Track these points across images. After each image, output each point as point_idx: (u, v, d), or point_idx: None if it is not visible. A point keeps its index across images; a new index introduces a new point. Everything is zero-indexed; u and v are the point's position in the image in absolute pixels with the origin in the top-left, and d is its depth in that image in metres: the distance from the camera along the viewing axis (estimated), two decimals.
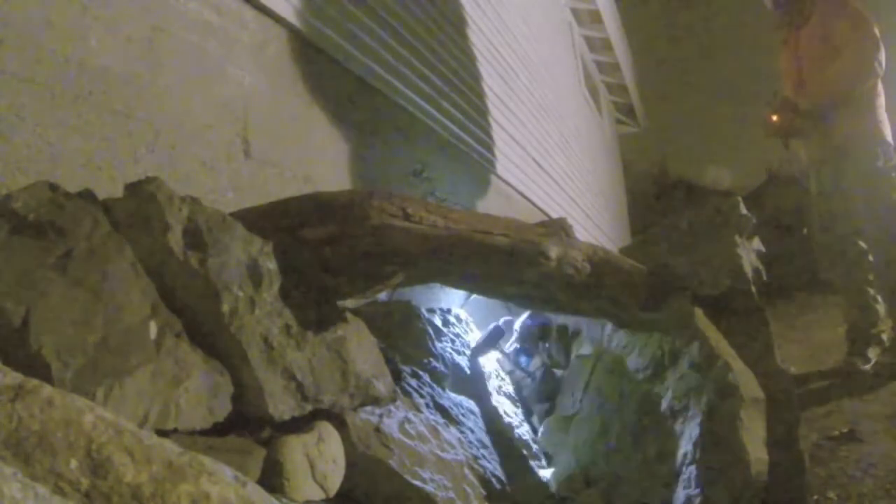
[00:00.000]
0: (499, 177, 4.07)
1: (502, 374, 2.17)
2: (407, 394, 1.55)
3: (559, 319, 2.33)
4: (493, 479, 1.54)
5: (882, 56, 2.92)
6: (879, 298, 3.01)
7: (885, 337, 2.98)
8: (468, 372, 1.94)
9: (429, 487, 1.27)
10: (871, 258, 2.99)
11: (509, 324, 2.38)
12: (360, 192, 1.33)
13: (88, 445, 0.60)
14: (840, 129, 2.99)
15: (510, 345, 2.35)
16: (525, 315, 2.39)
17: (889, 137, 3.01)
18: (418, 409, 1.52)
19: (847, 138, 2.98)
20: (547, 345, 2.27)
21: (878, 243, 2.92)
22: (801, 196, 3.40)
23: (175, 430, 0.91)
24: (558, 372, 2.25)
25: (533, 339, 2.30)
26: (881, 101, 3.04)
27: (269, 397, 1.04)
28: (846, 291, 3.13)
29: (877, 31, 2.95)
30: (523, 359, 2.27)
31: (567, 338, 2.30)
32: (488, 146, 3.94)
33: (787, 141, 3.28)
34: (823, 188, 3.14)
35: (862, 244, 3.01)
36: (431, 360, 1.79)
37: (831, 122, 3.01)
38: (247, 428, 1.07)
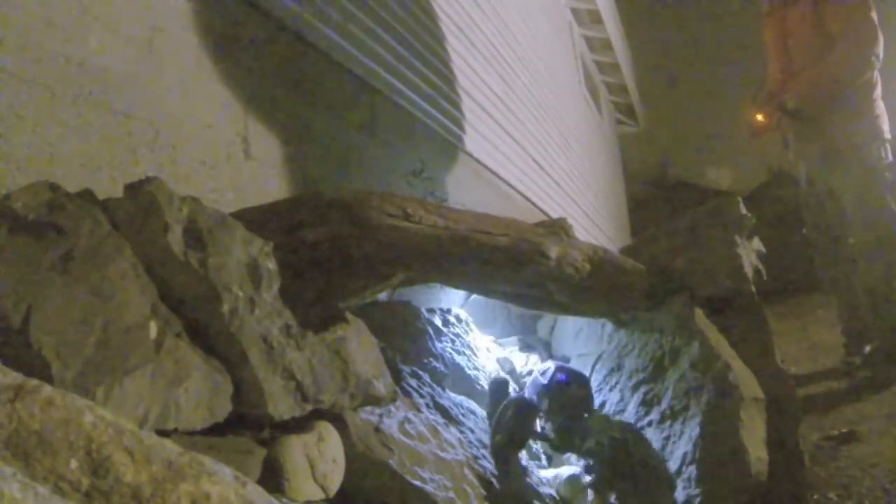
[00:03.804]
0: (499, 177, 4.07)
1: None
2: (407, 394, 1.55)
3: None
4: (493, 479, 1.53)
5: (880, 48, 2.69)
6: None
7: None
8: (468, 372, 1.93)
9: (429, 487, 1.27)
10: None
11: (507, 361, 1.99)
12: (359, 192, 1.33)
13: (88, 445, 0.60)
14: (833, 128, 2.81)
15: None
16: (551, 368, 1.84)
17: (887, 132, 2.83)
18: (418, 409, 1.52)
19: (841, 138, 2.80)
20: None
21: (867, 244, 2.80)
22: (801, 196, 3.30)
23: (175, 430, 0.91)
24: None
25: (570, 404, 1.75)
26: (878, 91, 2.83)
27: (268, 397, 1.04)
28: (840, 292, 3.09)
29: (874, 15, 2.67)
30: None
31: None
32: (488, 146, 3.94)
33: (786, 139, 3.18)
34: (815, 188, 3.03)
35: (854, 245, 2.89)
36: (431, 360, 1.79)
37: (823, 122, 2.82)
38: (247, 428, 1.06)
